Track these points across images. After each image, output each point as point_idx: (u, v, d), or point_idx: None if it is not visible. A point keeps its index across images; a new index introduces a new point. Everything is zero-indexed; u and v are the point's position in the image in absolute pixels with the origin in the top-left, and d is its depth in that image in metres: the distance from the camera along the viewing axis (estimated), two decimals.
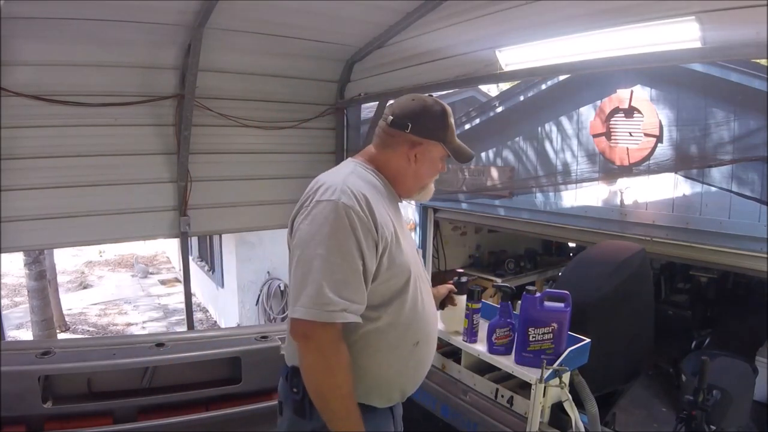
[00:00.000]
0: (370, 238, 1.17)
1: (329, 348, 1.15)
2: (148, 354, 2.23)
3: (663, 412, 4.40)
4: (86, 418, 2.12)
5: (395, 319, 1.25)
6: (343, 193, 1.17)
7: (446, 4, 2.34)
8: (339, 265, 1.13)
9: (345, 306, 1.13)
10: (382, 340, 1.25)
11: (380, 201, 1.26)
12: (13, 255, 8.78)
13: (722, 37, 1.62)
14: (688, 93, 3.62)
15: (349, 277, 1.14)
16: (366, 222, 1.16)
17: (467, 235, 7.13)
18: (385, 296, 1.24)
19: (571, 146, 4.49)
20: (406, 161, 1.33)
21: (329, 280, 1.12)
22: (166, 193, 3.09)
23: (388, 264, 1.22)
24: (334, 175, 1.25)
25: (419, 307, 1.30)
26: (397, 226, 1.29)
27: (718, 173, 3.48)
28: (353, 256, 1.14)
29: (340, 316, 1.13)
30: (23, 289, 8.28)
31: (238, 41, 2.73)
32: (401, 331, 1.27)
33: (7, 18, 2.06)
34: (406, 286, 1.26)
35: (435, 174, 1.41)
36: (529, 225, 5.02)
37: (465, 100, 9.09)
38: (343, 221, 1.14)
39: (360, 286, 1.16)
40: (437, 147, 1.35)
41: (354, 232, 1.14)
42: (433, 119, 1.33)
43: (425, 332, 1.33)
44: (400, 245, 1.26)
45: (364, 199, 1.18)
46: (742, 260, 3.44)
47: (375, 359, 1.25)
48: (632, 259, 1.92)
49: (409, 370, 1.33)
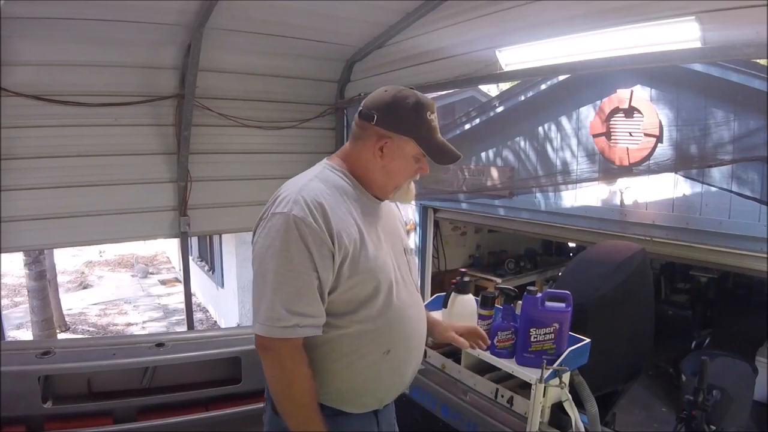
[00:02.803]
0: (325, 248, 1.14)
1: (287, 360, 1.16)
2: (148, 354, 2.23)
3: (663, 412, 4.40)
4: (86, 418, 2.12)
5: (363, 326, 1.22)
6: (295, 204, 1.14)
7: (446, 4, 2.35)
8: (291, 279, 1.13)
9: (297, 321, 1.13)
10: (348, 346, 1.23)
11: (343, 205, 1.22)
12: (13, 255, 8.78)
13: (722, 37, 1.62)
14: (688, 93, 3.61)
15: (302, 291, 1.13)
16: (319, 233, 1.13)
17: (467, 235, 7.14)
18: (351, 304, 1.21)
19: (571, 146, 4.49)
20: (373, 155, 1.26)
21: (281, 296, 1.13)
22: (166, 193, 3.09)
23: (349, 273, 1.18)
24: (295, 182, 1.23)
25: (391, 314, 1.25)
26: (366, 230, 1.24)
27: (718, 173, 3.48)
28: (306, 269, 1.13)
29: (292, 332, 1.13)
30: (23, 289, 8.28)
31: (238, 41, 2.73)
32: (370, 338, 1.23)
33: (7, 18, 2.06)
34: (375, 293, 1.22)
35: (411, 173, 1.31)
36: (529, 225, 5.03)
37: (465, 100, 9.10)
38: (293, 234, 1.12)
39: (314, 299, 1.15)
40: (409, 143, 1.25)
41: (306, 244, 1.12)
42: (404, 111, 1.24)
43: (399, 340, 1.28)
44: (367, 251, 1.22)
45: (319, 208, 1.15)
46: (742, 260, 3.44)
47: (341, 364, 1.24)
48: (632, 259, 1.91)
49: (381, 378, 1.29)
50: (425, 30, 2.57)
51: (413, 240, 6.46)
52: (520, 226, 5.13)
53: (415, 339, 1.34)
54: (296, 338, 1.15)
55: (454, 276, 1.78)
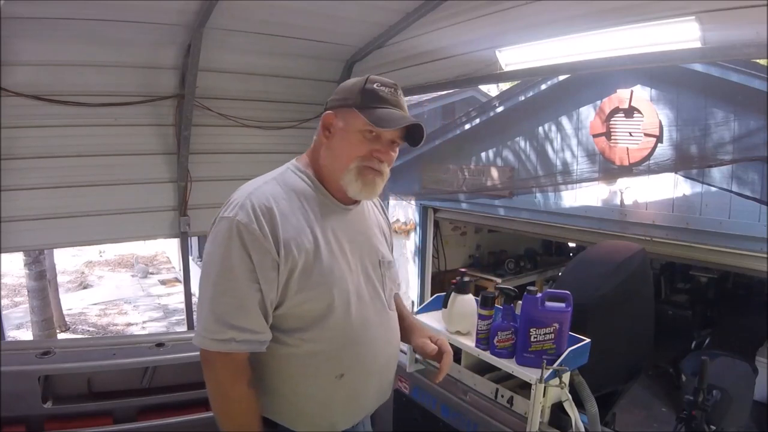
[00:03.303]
0: (269, 259, 1.05)
1: (225, 376, 1.08)
2: (148, 354, 2.22)
3: (663, 412, 4.41)
4: (86, 418, 2.12)
5: (313, 346, 1.12)
6: (241, 209, 1.06)
7: (446, 4, 2.34)
8: (230, 290, 1.05)
9: (234, 335, 1.04)
10: (296, 367, 1.14)
11: (299, 212, 1.13)
12: (13, 255, 8.78)
13: (722, 37, 1.62)
14: (688, 93, 3.62)
15: (242, 304, 1.05)
16: (262, 241, 1.04)
17: (467, 235, 7.15)
18: (302, 321, 1.12)
19: (571, 146, 4.49)
20: (322, 139, 1.18)
21: (219, 307, 1.05)
22: (166, 193, 3.08)
23: (298, 287, 1.08)
24: (250, 184, 1.15)
25: (348, 335, 1.15)
26: (325, 239, 1.13)
27: (718, 173, 3.49)
28: (247, 281, 1.04)
29: (226, 346, 1.05)
30: (23, 289, 8.28)
31: (238, 41, 2.73)
32: (320, 360, 1.13)
33: (7, 18, 2.05)
34: (328, 310, 1.11)
35: (360, 152, 1.13)
36: (529, 225, 5.04)
37: (465, 100, 9.11)
38: (235, 242, 1.04)
39: (254, 314, 1.06)
40: (351, 114, 1.12)
41: (248, 253, 1.04)
42: (350, 87, 1.16)
43: (356, 364, 1.17)
44: (322, 263, 1.11)
45: (267, 214, 1.06)
46: (742, 260, 3.45)
47: (288, 386, 1.15)
48: (632, 259, 1.91)
49: (334, 405, 1.18)
50: (425, 30, 2.57)
51: (413, 240, 6.46)
52: (520, 226, 5.14)
53: (377, 364, 1.22)
54: (236, 354, 1.07)
55: (454, 276, 1.78)
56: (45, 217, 2.71)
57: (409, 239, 6.51)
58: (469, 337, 1.74)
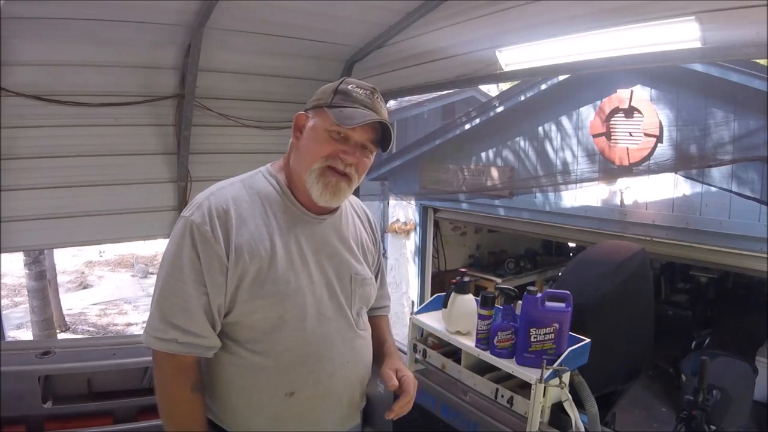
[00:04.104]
0: (216, 262, 1.02)
1: (169, 378, 1.06)
2: (148, 354, 2.19)
3: (663, 412, 4.40)
4: (86, 418, 2.13)
5: (262, 360, 1.07)
6: (197, 209, 1.04)
7: (446, 4, 2.34)
8: (177, 290, 1.02)
9: (176, 336, 1.02)
10: (243, 380, 1.09)
11: (260, 217, 1.08)
12: (13, 255, 8.78)
13: (722, 37, 1.62)
14: (688, 93, 3.62)
15: (186, 306, 1.02)
16: (213, 244, 1.02)
17: (467, 235, 7.15)
18: (253, 332, 1.07)
19: (571, 146, 4.49)
20: (293, 141, 1.16)
21: (164, 306, 1.03)
22: (166, 193, 3.08)
23: (249, 295, 1.04)
24: (215, 186, 1.13)
25: (301, 351, 1.09)
26: (285, 248, 1.09)
27: (718, 173, 3.49)
28: (193, 282, 1.02)
29: (167, 346, 1.02)
30: (23, 289, 8.28)
31: (238, 41, 2.73)
32: (268, 375, 1.08)
33: (7, 18, 2.05)
34: (279, 323, 1.07)
35: (323, 148, 1.08)
36: (529, 225, 5.04)
37: (465, 100, 9.11)
38: (187, 241, 1.02)
39: (198, 317, 1.02)
40: (321, 113, 1.10)
41: (198, 254, 1.01)
42: (325, 89, 1.15)
43: (308, 382, 1.11)
44: (276, 273, 1.06)
45: (222, 216, 1.04)
46: (742, 260, 3.45)
47: (241, 397, 1.10)
48: (632, 259, 1.91)
49: (284, 424, 1.11)
50: (425, 30, 2.57)
51: (413, 240, 6.46)
52: (520, 226, 5.14)
53: (333, 386, 1.14)
54: (182, 356, 1.04)
55: (454, 276, 1.78)
56: (45, 217, 2.70)
57: (409, 239, 6.51)
58: (469, 337, 1.74)
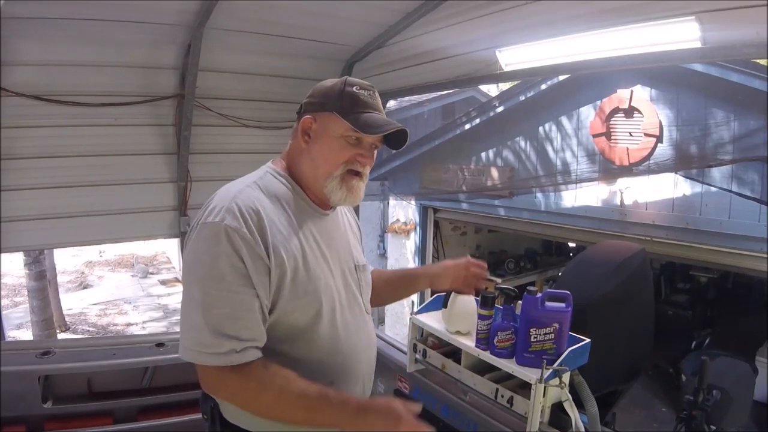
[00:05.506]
0: (261, 263, 1.01)
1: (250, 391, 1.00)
2: (148, 354, 2.23)
3: (663, 412, 4.41)
4: (86, 418, 2.13)
5: (305, 355, 1.09)
6: (228, 213, 1.01)
7: (446, 4, 2.34)
8: (222, 300, 0.98)
9: (233, 346, 0.97)
10: None
11: (283, 217, 1.09)
12: (13, 255, 8.78)
13: (722, 37, 1.62)
14: (688, 93, 3.63)
15: (237, 313, 0.99)
16: (254, 246, 1.00)
17: (467, 235, 7.15)
18: (292, 330, 1.08)
19: (571, 146, 4.50)
20: (301, 144, 1.15)
21: (211, 319, 0.98)
22: (166, 193, 3.08)
23: (290, 295, 1.05)
24: (230, 188, 1.10)
25: (334, 342, 1.13)
26: (309, 246, 1.10)
27: (718, 173, 3.50)
28: (241, 287, 0.99)
29: (227, 360, 0.97)
30: (23, 289, 8.28)
31: (238, 41, 2.73)
32: (308, 369, 1.07)
33: (7, 18, 2.05)
34: (316, 319, 1.09)
35: (343, 158, 1.12)
36: (529, 225, 5.04)
37: (465, 100, 9.12)
38: (226, 247, 0.98)
39: (253, 321, 1.01)
40: (332, 119, 1.11)
41: (242, 258, 0.99)
42: (327, 90, 1.16)
43: (344, 370, 1.15)
44: (309, 270, 1.08)
45: (255, 218, 1.02)
46: (742, 260, 3.45)
47: None
48: (632, 259, 1.91)
49: None
50: (425, 30, 2.57)
51: (413, 240, 6.46)
52: (520, 226, 5.15)
53: (360, 369, 1.21)
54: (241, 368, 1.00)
55: None
56: (45, 217, 2.70)
57: (409, 239, 6.51)
58: (469, 337, 1.73)
